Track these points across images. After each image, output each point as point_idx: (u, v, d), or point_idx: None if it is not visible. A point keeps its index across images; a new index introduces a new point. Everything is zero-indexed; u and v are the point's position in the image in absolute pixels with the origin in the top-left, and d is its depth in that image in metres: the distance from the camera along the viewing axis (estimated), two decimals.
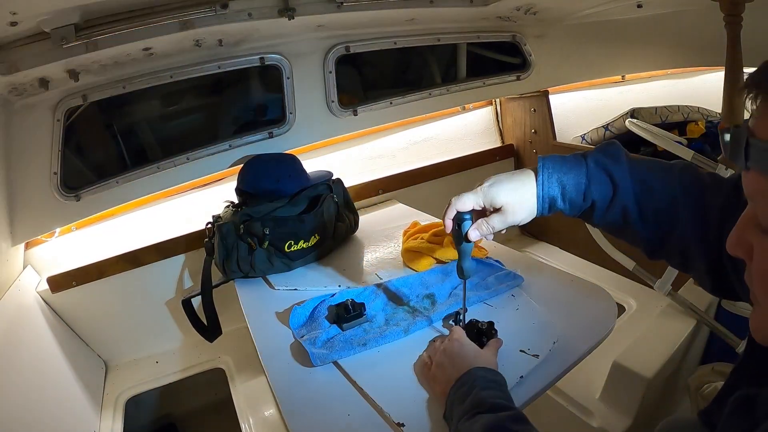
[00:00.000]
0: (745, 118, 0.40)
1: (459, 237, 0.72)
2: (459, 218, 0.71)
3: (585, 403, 1.16)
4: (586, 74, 1.93)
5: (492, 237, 0.72)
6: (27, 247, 1.44)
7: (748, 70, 0.43)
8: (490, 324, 0.81)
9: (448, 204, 0.71)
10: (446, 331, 0.87)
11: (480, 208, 0.70)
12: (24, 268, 1.40)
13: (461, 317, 0.85)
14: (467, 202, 0.69)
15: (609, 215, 0.64)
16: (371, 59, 1.65)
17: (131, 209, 1.54)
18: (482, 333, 0.79)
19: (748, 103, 0.39)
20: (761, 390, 0.41)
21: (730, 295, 0.59)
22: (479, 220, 0.70)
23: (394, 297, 0.98)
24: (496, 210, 0.68)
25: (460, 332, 0.76)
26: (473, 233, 0.70)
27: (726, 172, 1.19)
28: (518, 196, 0.67)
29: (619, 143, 0.66)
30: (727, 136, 0.39)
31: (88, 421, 1.26)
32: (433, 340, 0.82)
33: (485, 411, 0.58)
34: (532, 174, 0.67)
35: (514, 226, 0.69)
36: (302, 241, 1.20)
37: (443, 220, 0.72)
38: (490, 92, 1.78)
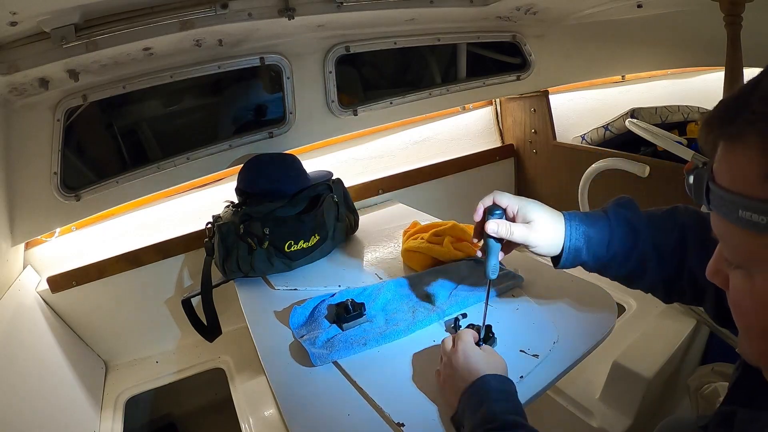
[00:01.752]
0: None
1: (481, 227, 0.72)
2: (490, 210, 0.71)
3: (585, 403, 1.16)
4: (586, 74, 1.93)
5: (507, 238, 0.71)
6: (27, 247, 1.44)
7: (748, 70, 0.43)
8: (488, 327, 0.80)
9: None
10: (446, 332, 0.87)
11: (512, 214, 0.71)
12: (24, 268, 1.40)
13: (460, 323, 0.84)
14: (504, 198, 0.71)
15: (629, 264, 0.66)
16: (371, 59, 1.65)
17: (131, 209, 1.54)
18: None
19: (703, 140, 0.39)
20: (738, 409, 0.43)
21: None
22: (503, 219, 0.71)
23: (394, 297, 0.98)
24: (524, 223, 0.70)
25: (469, 335, 0.74)
26: (491, 224, 0.70)
27: None
28: (549, 225, 0.68)
29: (629, 197, 0.70)
30: (692, 178, 0.40)
31: (88, 421, 1.26)
32: (443, 342, 0.78)
33: (496, 429, 0.57)
34: (564, 220, 0.69)
35: (526, 249, 0.70)
36: (302, 241, 1.20)
37: (477, 206, 0.73)
38: (490, 92, 1.78)
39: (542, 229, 0.68)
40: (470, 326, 0.81)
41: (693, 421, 0.54)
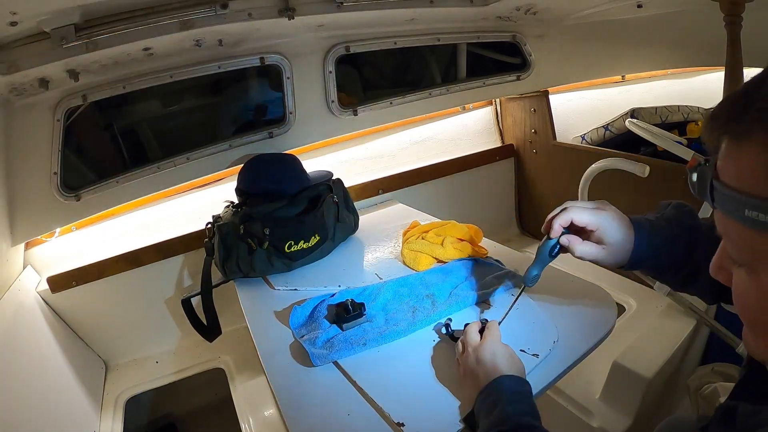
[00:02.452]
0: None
1: (548, 246, 0.71)
2: (556, 245, 0.71)
3: (585, 403, 1.16)
4: (586, 74, 1.93)
5: (577, 257, 0.70)
6: (27, 247, 1.44)
7: (748, 70, 0.43)
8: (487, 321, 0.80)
9: (563, 208, 0.70)
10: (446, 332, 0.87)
11: (582, 226, 0.69)
12: (24, 268, 1.40)
13: (451, 328, 0.83)
14: (584, 216, 0.69)
15: (685, 269, 0.67)
16: (371, 59, 1.65)
17: (131, 209, 1.54)
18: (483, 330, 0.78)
19: (707, 136, 0.39)
20: (740, 403, 0.42)
21: None
22: (590, 243, 0.69)
23: (394, 297, 0.98)
24: (598, 242, 0.68)
25: (498, 329, 0.74)
26: (581, 248, 0.69)
27: None
28: (622, 246, 0.67)
29: (692, 208, 0.70)
30: (695, 176, 0.40)
31: (88, 420, 1.26)
32: (468, 332, 0.76)
33: (508, 430, 0.57)
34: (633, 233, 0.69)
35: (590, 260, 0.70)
36: (302, 242, 1.20)
37: (552, 222, 0.71)
38: (490, 92, 1.78)
39: (614, 251, 0.68)
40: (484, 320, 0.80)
41: (693, 421, 0.54)
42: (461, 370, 0.71)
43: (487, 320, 0.78)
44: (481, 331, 0.75)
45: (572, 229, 0.70)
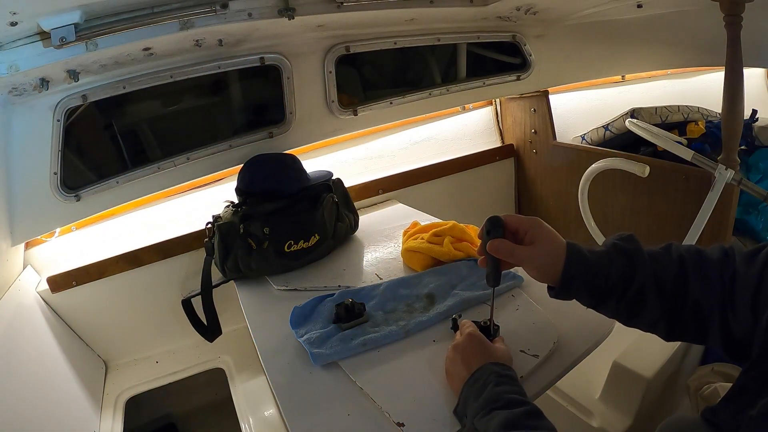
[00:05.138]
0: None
1: (485, 243, 0.70)
2: (487, 226, 0.69)
3: (585, 403, 1.16)
4: (586, 74, 1.93)
5: (506, 260, 0.68)
6: (27, 247, 1.44)
7: (748, 71, 0.43)
8: (490, 321, 0.80)
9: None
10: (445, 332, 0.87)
11: (515, 230, 0.68)
12: (24, 268, 1.40)
13: (458, 323, 0.84)
14: (513, 218, 0.69)
15: (628, 295, 0.64)
16: (371, 59, 1.65)
17: (131, 209, 1.54)
18: (485, 330, 0.78)
19: None
20: None
21: (742, 355, 0.59)
22: (504, 240, 0.68)
23: (393, 297, 0.98)
24: (530, 243, 0.67)
25: (472, 327, 0.76)
26: (494, 243, 0.68)
27: (726, 172, 1.19)
28: (553, 251, 0.66)
29: (630, 233, 0.68)
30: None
31: (88, 421, 1.26)
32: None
33: (500, 407, 0.58)
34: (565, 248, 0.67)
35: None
36: (302, 241, 1.20)
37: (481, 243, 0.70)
38: (490, 92, 1.78)
39: (544, 254, 0.66)
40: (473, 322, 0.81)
41: (696, 419, 0.53)
42: (447, 363, 0.73)
43: (476, 321, 0.80)
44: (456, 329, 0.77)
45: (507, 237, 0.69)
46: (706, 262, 0.63)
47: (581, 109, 2.15)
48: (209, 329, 1.33)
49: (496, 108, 2.08)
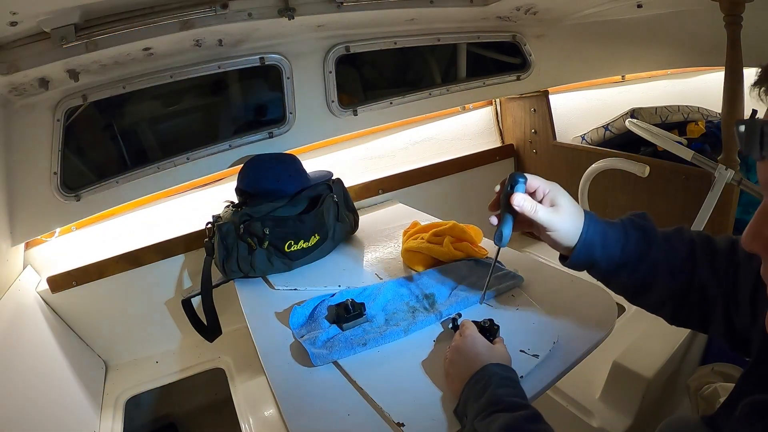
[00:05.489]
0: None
1: (506, 198, 0.69)
2: (512, 180, 0.69)
3: (585, 403, 1.16)
4: (586, 74, 1.93)
5: (530, 216, 0.68)
6: (27, 247, 1.44)
7: (748, 70, 0.44)
8: (491, 321, 0.81)
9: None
10: (444, 332, 0.87)
11: (541, 195, 0.69)
12: (24, 268, 1.40)
13: (458, 323, 0.84)
14: (535, 180, 0.69)
15: (641, 270, 0.65)
16: (371, 59, 1.65)
17: (131, 209, 1.54)
18: (485, 330, 0.78)
19: (757, 94, 0.41)
20: None
21: (744, 349, 0.60)
22: (529, 197, 0.68)
23: (394, 297, 0.98)
24: (551, 205, 0.68)
25: (472, 327, 0.76)
26: (518, 197, 0.67)
27: (726, 172, 1.19)
28: (573, 215, 0.67)
29: (645, 212, 0.69)
30: (742, 128, 0.39)
31: (88, 421, 1.26)
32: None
33: (501, 410, 0.58)
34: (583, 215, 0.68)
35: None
36: (302, 241, 1.20)
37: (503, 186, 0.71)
38: (490, 92, 1.78)
39: (568, 214, 0.67)
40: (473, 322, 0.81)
41: (696, 419, 0.53)
42: (446, 364, 0.73)
43: (476, 321, 0.80)
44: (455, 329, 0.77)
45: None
46: (714, 249, 0.63)
47: (581, 109, 2.15)
48: (209, 329, 1.33)
49: (496, 108, 2.08)
